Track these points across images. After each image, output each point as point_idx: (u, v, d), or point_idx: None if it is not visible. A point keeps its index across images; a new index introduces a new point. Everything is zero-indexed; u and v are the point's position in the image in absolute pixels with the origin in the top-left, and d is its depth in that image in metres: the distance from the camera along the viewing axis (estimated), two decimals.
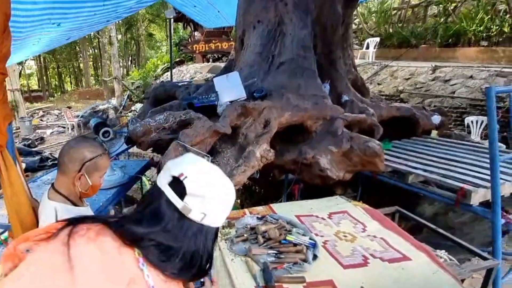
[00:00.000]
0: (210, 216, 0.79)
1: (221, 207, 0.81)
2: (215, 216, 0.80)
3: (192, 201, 0.77)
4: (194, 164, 0.82)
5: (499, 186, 2.22)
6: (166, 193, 0.78)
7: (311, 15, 3.59)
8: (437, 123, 3.91)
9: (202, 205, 0.77)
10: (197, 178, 0.78)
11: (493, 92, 2.01)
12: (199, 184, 0.78)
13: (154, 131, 2.62)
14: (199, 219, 0.78)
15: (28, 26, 2.44)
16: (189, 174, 0.78)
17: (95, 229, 0.75)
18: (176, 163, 0.82)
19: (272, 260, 1.70)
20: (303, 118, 2.82)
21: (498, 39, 8.27)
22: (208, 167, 0.83)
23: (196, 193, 0.77)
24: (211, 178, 0.80)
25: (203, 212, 0.78)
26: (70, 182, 1.27)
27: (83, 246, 0.70)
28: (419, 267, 1.70)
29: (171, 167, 0.81)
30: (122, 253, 0.73)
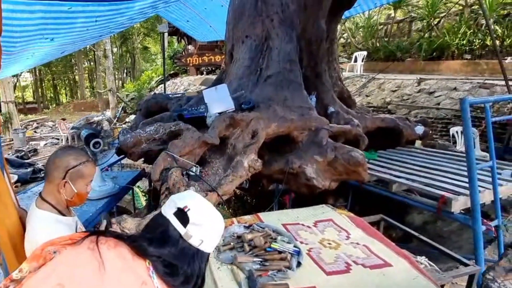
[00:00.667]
0: (206, 242, 0.96)
1: (215, 235, 0.99)
2: (210, 242, 0.98)
3: (192, 229, 0.94)
4: (195, 199, 1.00)
5: (477, 193, 2.30)
6: (171, 221, 0.95)
7: (296, 30, 3.72)
8: (420, 133, 4.03)
9: (200, 232, 0.95)
10: (198, 210, 0.96)
11: (466, 104, 2.11)
12: (199, 215, 0.95)
13: (144, 142, 2.66)
14: (197, 244, 0.94)
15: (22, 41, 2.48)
16: (192, 207, 0.96)
17: (112, 241, 0.92)
18: (180, 197, 1.00)
19: (257, 268, 1.73)
20: (289, 129, 2.89)
21: (481, 52, 8.58)
22: (205, 202, 1.01)
23: (196, 222, 0.94)
24: (208, 211, 0.98)
25: (201, 239, 0.95)
26: (56, 191, 1.30)
27: (106, 251, 0.88)
28: (400, 273, 1.74)
29: (176, 200, 0.98)
30: (136, 261, 0.89)
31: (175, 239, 0.93)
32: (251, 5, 3.86)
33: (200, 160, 2.62)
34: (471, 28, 8.72)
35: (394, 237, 3.04)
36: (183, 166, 2.37)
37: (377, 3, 6.52)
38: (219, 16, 6.29)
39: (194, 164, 2.47)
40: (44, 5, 2.15)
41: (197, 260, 0.95)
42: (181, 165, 2.35)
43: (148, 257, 0.90)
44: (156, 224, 0.97)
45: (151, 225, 0.99)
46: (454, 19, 9.88)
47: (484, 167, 2.46)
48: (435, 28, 9.87)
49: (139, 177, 3.44)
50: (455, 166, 3.19)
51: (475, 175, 2.26)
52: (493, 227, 2.30)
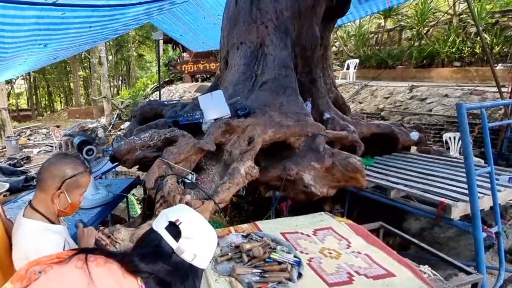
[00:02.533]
0: (200, 257, 0.93)
1: (208, 249, 0.96)
2: (203, 257, 0.94)
3: (185, 243, 0.91)
4: (187, 212, 0.98)
5: (477, 200, 2.28)
6: (163, 235, 0.91)
7: (290, 36, 3.72)
8: (415, 139, 4.03)
9: (193, 246, 0.91)
10: (190, 223, 0.93)
11: (463, 109, 2.10)
12: (191, 228, 0.93)
13: (139, 148, 2.58)
14: (190, 259, 0.91)
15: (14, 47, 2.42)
16: (184, 220, 0.93)
17: (102, 258, 0.88)
18: (172, 211, 0.98)
19: (257, 280, 1.67)
20: (286, 135, 2.86)
21: (471, 59, 8.76)
22: (197, 215, 0.98)
23: (188, 236, 0.91)
24: (200, 224, 0.96)
25: (194, 253, 0.92)
26: (49, 200, 1.23)
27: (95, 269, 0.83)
28: (404, 283, 1.70)
29: (168, 214, 0.95)
30: (127, 278, 0.85)
31: (167, 254, 0.90)
32: (246, 12, 3.86)
33: (196, 167, 2.56)
34: (460, 36, 8.91)
35: (392, 244, 3.01)
36: (178, 174, 2.30)
37: (368, 12, 6.65)
38: (212, 32, 6.40)
39: (189, 171, 2.41)
40: (38, 10, 2.10)
41: (191, 276, 0.92)
42: (176, 172, 2.28)
43: (139, 274, 0.86)
44: (147, 239, 0.94)
45: (143, 241, 0.96)
46: (443, 27, 10.10)
47: (482, 173, 2.45)
48: (424, 36, 10.06)
49: (134, 184, 3.35)
50: (452, 172, 3.18)
51: (474, 181, 2.25)
52: (494, 233, 2.28)
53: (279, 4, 3.72)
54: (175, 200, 2.03)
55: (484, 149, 5.25)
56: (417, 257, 2.38)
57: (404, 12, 11.50)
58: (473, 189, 2.23)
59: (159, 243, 0.91)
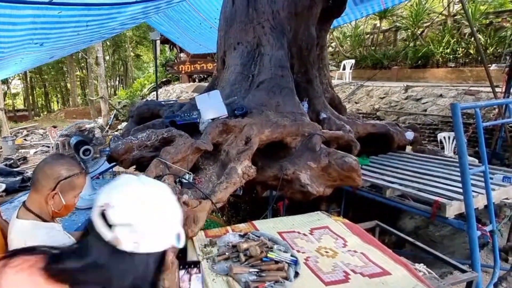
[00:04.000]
0: (145, 244, 0.73)
1: (156, 231, 0.74)
2: (151, 242, 0.74)
3: (120, 231, 0.71)
4: (120, 189, 0.76)
5: (471, 198, 2.31)
6: (96, 225, 0.73)
7: (287, 37, 3.73)
8: (410, 139, 4.07)
9: (132, 234, 0.71)
10: (123, 205, 0.72)
11: (458, 108, 2.13)
12: (125, 212, 0.72)
13: (136, 148, 2.58)
14: (132, 249, 0.72)
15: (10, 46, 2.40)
16: (114, 202, 0.72)
17: (32, 260, 0.73)
18: (105, 190, 0.77)
19: (254, 279, 1.68)
20: (282, 135, 2.87)
21: (465, 60, 8.84)
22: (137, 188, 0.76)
23: (122, 222, 0.71)
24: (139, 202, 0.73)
25: (136, 242, 0.72)
26: (43, 201, 1.21)
27: (12, 276, 0.70)
28: (399, 282, 1.71)
29: (101, 195, 0.76)
30: (50, 285, 0.70)
31: (102, 249, 0.72)
32: (243, 12, 3.87)
33: (193, 167, 2.56)
34: (454, 37, 8.98)
35: (388, 243, 3.03)
36: (175, 173, 2.30)
37: (363, 13, 6.70)
38: (209, 36, 6.43)
39: (187, 171, 2.41)
40: (34, 9, 2.09)
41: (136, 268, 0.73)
42: (173, 172, 2.28)
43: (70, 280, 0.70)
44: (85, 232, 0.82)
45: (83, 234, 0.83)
46: (438, 28, 10.18)
47: (476, 172, 2.48)
48: (419, 37, 10.13)
49: None
50: (447, 171, 3.22)
51: (469, 180, 2.27)
52: (488, 232, 2.30)
53: (276, 5, 3.73)
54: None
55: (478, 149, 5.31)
56: (413, 256, 2.40)
57: (399, 13, 11.58)
58: (467, 188, 2.26)
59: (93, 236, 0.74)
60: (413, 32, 10.43)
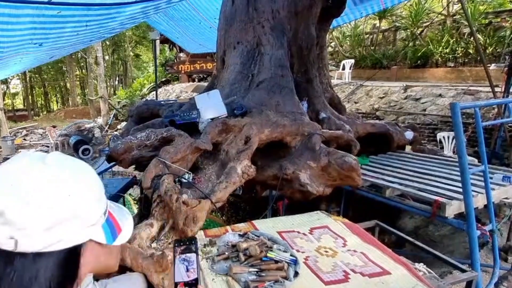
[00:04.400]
0: (25, 240, 0.54)
1: (44, 221, 0.55)
2: (35, 237, 0.54)
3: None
4: (4, 167, 0.58)
5: (471, 198, 2.31)
6: None
7: (287, 36, 3.73)
8: (410, 138, 4.07)
9: (6, 225, 0.53)
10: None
11: (457, 108, 2.13)
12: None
13: (135, 148, 2.57)
14: (11, 247, 0.53)
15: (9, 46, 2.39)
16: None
17: None
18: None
19: (253, 279, 1.67)
20: (282, 134, 2.86)
21: (464, 60, 8.85)
22: (23, 166, 0.57)
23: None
24: (18, 183, 0.55)
25: (12, 237, 0.53)
26: None
27: None
28: (399, 281, 1.71)
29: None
30: None
31: None
32: (242, 12, 3.86)
33: (192, 167, 2.56)
34: (454, 37, 9.00)
35: (387, 242, 3.03)
36: (175, 173, 2.30)
37: (363, 13, 6.70)
38: (208, 36, 6.44)
39: (186, 170, 2.40)
40: (33, 9, 2.08)
41: (27, 274, 0.54)
42: (173, 171, 2.28)
43: None
44: None
45: None
46: (437, 28, 10.19)
47: (476, 171, 2.48)
48: (419, 37, 10.14)
49: (131, 184, 3.34)
50: (446, 170, 3.22)
51: (469, 179, 2.27)
52: (488, 231, 2.31)
53: (276, 4, 3.72)
54: (172, 199, 2.02)
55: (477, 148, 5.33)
56: (412, 255, 2.40)
57: (398, 13, 11.59)
58: (467, 187, 2.26)
59: None
60: (413, 32, 10.45)
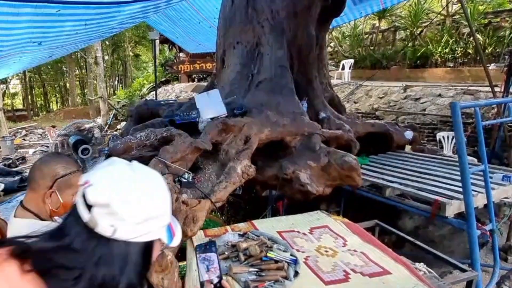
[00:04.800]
0: (123, 229, 0.65)
1: (137, 217, 0.66)
2: (131, 228, 0.66)
3: (98, 212, 0.64)
4: (106, 168, 0.70)
5: (471, 197, 2.30)
6: (77, 205, 0.67)
7: (286, 36, 3.73)
8: (410, 138, 4.07)
9: (109, 216, 0.64)
10: (104, 184, 0.66)
11: (458, 107, 2.13)
12: (104, 191, 0.65)
13: (135, 148, 2.57)
14: (109, 234, 0.65)
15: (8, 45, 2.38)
16: (95, 181, 0.66)
17: (4, 254, 0.66)
18: (91, 170, 0.72)
19: (253, 279, 1.67)
20: (282, 134, 2.86)
21: (464, 59, 8.85)
22: (124, 169, 0.70)
23: (100, 201, 0.64)
24: (123, 183, 0.67)
25: (112, 225, 0.64)
26: (40, 200, 1.20)
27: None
28: (399, 281, 1.71)
29: (84, 175, 0.71)
30: (25, 280, 0.63)
31: (79, 231, 0.65)
32: (242, 12, 3.86)
33: (192, 166, 2.55)
34: (453, 37, 9.00)
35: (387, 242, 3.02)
36: (175, 173, 2.29)
37: (362, 13, 6.70)
38: (208, 36, 6.43)
39: (186, 170, 2.40)
40: (32, 7, 2.07)
41: (114, 258, 0.66)
42: (172, 171, 2.27)
43: (39, 266, 0.63)
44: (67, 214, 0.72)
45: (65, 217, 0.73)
46: (436, 28, 10.19)
47: (476, 171, 2.48)
48: (418, 37, 10.15)
49: None
50: (446, 170, 3.22)
51: (469, 179, 2.27)
52: (488, 231, 2.30)
53: (275, 4, 3.72)
54: (172, 199, 2.02)
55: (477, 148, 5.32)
56: (412, 255, 2.40)
57: (398, 13, 11.59)
58: (467, 187, 2.26)
59: (71, 217, 0.68)
60: (412, 32, 10.45)
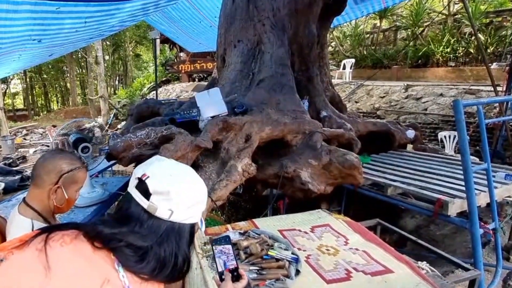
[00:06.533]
0: (178, 212, 0.80)
1: (188, 202, 0.82)
2: (184, 211, 0.81)
3: (157, 199, 0.79)
4: (157, 163, 0.85)
5: (474, 196, 2.28)
6: (133, 195, 0.81)
7: (287, 34, 3.71)
8: (411, 137, 4.05)
9: (167, 201, 0.79)
10: (160, 176, 0.81)
11: (460, 105, 2.11)
12: (162, 181, 0.80)
13: (135, 146, 2.56)
14: (167, 217, 0.79)
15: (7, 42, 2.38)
16: (152, 174, 0.81)
17: (70, 234, 0.76)
18: (141, 165, 0.86)
19: (254, 277, 1.65)
20: (283, 132, 2.85)
21: (465, 59, 8.82)
22: (172, 164, 0.86)
23: (159, 190, 0.79)
24: (175, 175, 0.83)
25: (170, 209, 0.79)
26: (45, 196, 1.21)
27: (58, 249, 0.72)
28: (402, 280, 1.69)
29: (137, 170, 0.84)
30: (97, 254, 0.74)
31: (140, 216, 0.79)
32: (243, 10, 3.85)
33: (192, 165, 2.54)
34: (455, 37, 8.97)
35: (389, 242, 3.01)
36: None
37: (363, 12, 6.68)
38: (209, 35, 6.43)
39: None
40: (31, 4, 2.06)
41: (172, 236, 0.80)
42: None
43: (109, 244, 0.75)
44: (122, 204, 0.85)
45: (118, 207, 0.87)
46: (438, 27, 10.17)
47: (478, 169, 2.46)
48: (419, 36, 10.12)
49: None
50: (448, 169, 3.19)
51: (471, 177, 2.25)
52: (491, 230, 2.28)
53: (276, 2, 3.71)
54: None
55: (479, 147, 5.31)
56: (414, 254, 2.38)
57: (399, 13, 11.57)
58: (470, 185, 2.24)
59: (130, 205, 0.81)
60: (413, 31, 10.42)
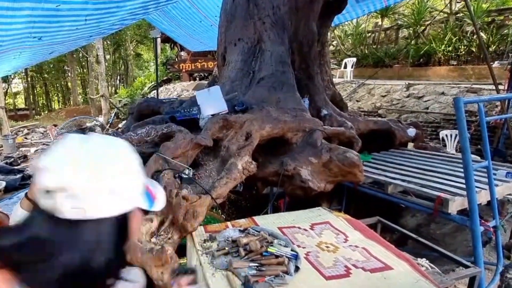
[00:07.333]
0: (89, 209, 0.61)
1: (101, 192, 0.62)
2: (98, 206, 0.62)
3: (58, 198, 0.59)
4: (55, 150, 0.63)
5: (474, 194, 2.28)
6: (37, 194, 0.62)
7: (288, 32, 3.71)
8: (412, 135, 4.04)
9: (69, 199, 0.60)
10: (54, 167, 0.60)
11: (461, 103, 2.10)
12: (57, 175, 0.60)
13: (135, 144, 2.56)
14: (75, 216, 0.60)
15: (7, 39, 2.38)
16: (47, 165, 0.60)
17: None
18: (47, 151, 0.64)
19: (253, 273, 1.66)
20: (283, 130, 2.84)
21: (467, 58, 8.78)
22: (72, 148, 0.63)
23: (56, 186, 0.59)
24: (72, 163, 0.61)
25: (75, 207, 0.60)
26: None
27: None
28: (401, 276, 1.69)
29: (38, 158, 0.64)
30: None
31: (43, 220, 0.61)
32: (243, 8, 3.84)
33: (193, 163, 2.54)
34: (456, 35, 8.93)
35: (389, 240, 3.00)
36: (175, 169, 2.28)
37: (365, 11, 6.66)
38: (209, 34, 6.43)
39: (186, 166, 2.39)
40: (31, 2, 2.07)
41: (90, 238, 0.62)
42: (173, 167, 2.26)
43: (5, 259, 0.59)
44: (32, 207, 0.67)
45: None
46: (440, 26, 10.13)
47: (479, 167, 2.45)
48: (421, 35, 10.08)
49: None
50: (449, 167, 3.19)
51: (472, 175, 2.24)
52: (491, 227, 2.28)
53: (276, 0, 3.70)
54: (172, 194, 2.01)
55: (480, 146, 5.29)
56: (415, 253, 2.37)
57: (400, 11, 11.52)
58: (470, 183, 2.23)
59: (37, 207, 0.62)
60: (415, 30, 10.38)
